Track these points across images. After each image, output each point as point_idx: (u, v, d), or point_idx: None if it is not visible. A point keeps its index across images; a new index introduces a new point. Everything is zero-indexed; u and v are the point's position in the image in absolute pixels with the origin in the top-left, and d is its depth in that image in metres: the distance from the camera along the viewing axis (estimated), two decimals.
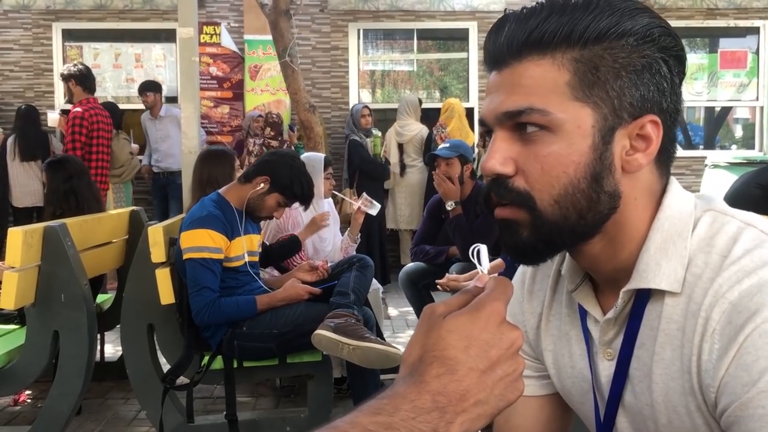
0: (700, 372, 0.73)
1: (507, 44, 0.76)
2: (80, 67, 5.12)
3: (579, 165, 0.74)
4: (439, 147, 3.79)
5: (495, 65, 0.79)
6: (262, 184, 2.81)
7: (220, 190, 2.89)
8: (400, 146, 6.51)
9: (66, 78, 5.04)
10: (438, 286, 3.34)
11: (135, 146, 6.42)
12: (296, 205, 3.39)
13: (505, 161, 0.76)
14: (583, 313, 0.88)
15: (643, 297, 0.79)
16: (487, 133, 0.82)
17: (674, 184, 0.82)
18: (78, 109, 4.93)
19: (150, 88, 6.32)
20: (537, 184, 0.75)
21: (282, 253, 3.38)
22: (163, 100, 6.43)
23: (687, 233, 0.77)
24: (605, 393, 0.85)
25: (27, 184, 6.10)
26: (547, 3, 0.75)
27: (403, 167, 6.50)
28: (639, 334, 0.80)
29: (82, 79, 4.99)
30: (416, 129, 6.45)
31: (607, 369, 0.84)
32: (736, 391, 0.68)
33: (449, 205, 3.60)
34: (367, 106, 6.43)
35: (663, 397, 0.77)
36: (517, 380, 0.63)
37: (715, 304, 0.72)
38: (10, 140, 6.12)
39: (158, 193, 6.47)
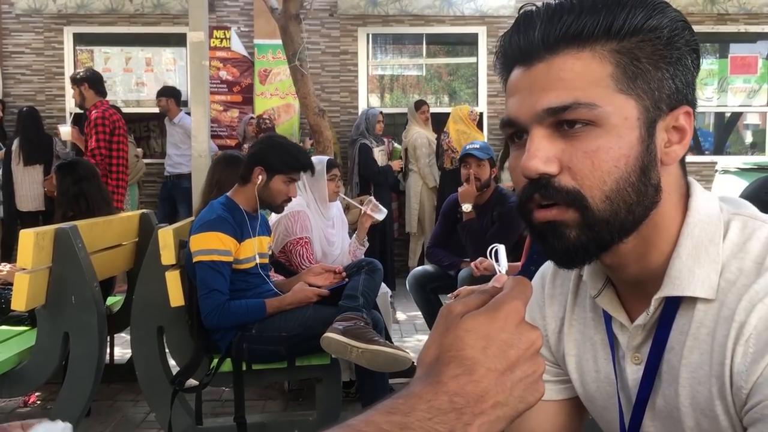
0: (732, 375, 0.72)
1: (542, 38, 0.74)
2: (91, 71, 5.15)
3: (629, 158, 0.73)
4: (469, 147, 3.77)
5: (524, 61, 0.76)
6: (260, 176, 2.82)
7: (228, 193, 2.91)
8: (405, 152, 6.64)
9: (78, 82, 4.99)
10: (449, 297, 3.33)
11: (139, 150, 6.45)
12: (304, 205, 3.40)
13: (548, 160, 0.73)
14: (608, 318, 0.87)
15: (674, 302, 0.79)
16: (516, 134, 0.79)
17: (696, 185, 0.81)
18: (98, 110, 4.91)
19: (163, 93, 6.36)
20: (587, 180, 0.73)
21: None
22: (180, 107, 6.42)
23: (718, 239, 0.77)
24: (632, 397, 0.84)
25: (29, 188, 6.12)
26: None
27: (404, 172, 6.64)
28: (668, 339, 0.79)
29: (94, 82, 4.98)
30: (411, 134, 6.53)
31: (634, 373, 0.84)
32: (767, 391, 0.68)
33: (465, 207, 3.60)
34: (381, 112, 6.46)
35: (690, 400, 0.77)
36: (537, 382, 0.62)
37: (752, 310, 0.71)
38: (15, 144, 6.11)
39: (165, 195, 6.52)
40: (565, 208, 0.74)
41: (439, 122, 6.77)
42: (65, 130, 5.54)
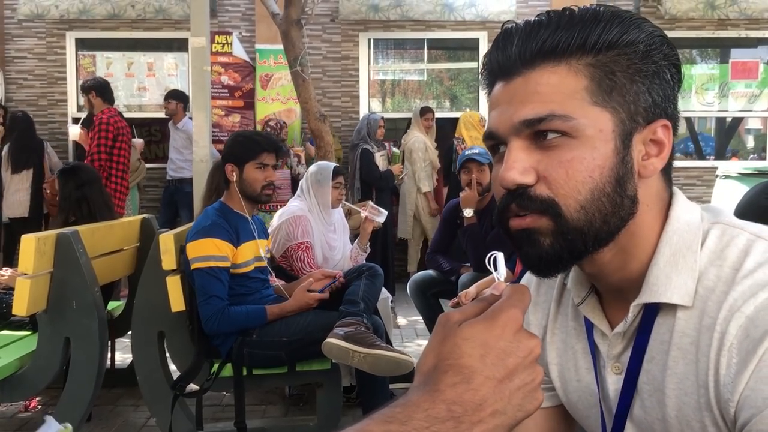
0: (717, 387, 0.71)
1: (519, 53, 0.76)
2: (99, 79, 5.37)
3: (604, 169, 0.74)
4: (469, 152, 3.78)
5: (503, 76, 0.78)
6: (233, 173, 2.87)
7: (221, 198, 2.93)
8: (402, 154, 6.64)
9: (86, 90, 5.24)
10: (450, 305, 3.33)
11: (139, 141, 6.40)
12: (305, 209, 3.39)
13: (525, 171, 0.75)
14: (590, 327, 0.87)
15: (652, 310, 0.78)
16: (495, 147, 0.80)
17: (679, 195, 0.82)
18: (103, 117, 5.11)
19: (172, 96, 6.38)
20: (562, 190, 0.74)
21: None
22: (186, 112, 6.41)
23: (696, 246, 0.77)
24: (613, 407, 0.84)
25: (14, 193, 6.03)
26: (554, 15, 0.76)
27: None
28: (648, 348, 0.79)
29: (102, 91, 5.25)
30: (409, 138, 6.52)
31: (615, 383, 0.83)
32: (757, 404, 0.67)
33: (467, 212, 3.61)
34: (383, 117, 6.46)
35: (676, 411, 0.76)
36: (536, 390, 0.62)
37: (731, 318, 0.71)
38: (5, 150, 6.04)
39: (167, 200, 6.52)
40: (538, 216, 0.75)
41: (440, 128, 6.77)
42: (75, 132, 5.71)
